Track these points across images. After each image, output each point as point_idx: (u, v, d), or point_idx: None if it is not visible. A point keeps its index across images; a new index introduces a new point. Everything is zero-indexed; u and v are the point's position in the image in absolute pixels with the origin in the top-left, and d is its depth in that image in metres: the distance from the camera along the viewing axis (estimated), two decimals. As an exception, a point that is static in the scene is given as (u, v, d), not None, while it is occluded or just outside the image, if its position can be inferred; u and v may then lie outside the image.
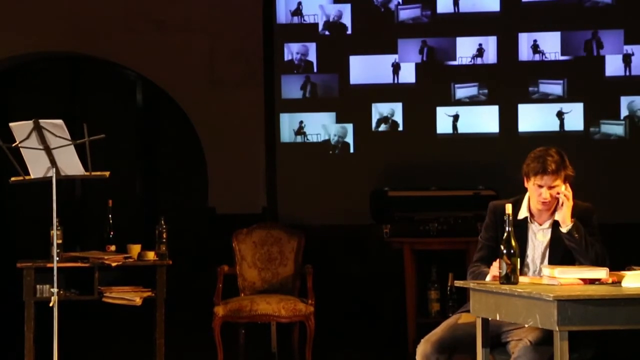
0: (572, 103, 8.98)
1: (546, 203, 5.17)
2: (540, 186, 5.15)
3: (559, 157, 5.16)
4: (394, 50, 9.15)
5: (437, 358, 5.14)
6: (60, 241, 6.68)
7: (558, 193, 5.14)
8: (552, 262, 5.18)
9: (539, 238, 5.27)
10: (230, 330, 7.51)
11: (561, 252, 5.21)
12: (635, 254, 5.95)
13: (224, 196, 9.44)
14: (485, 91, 9.10)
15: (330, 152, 9.25)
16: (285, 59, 9.29)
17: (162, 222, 7.09)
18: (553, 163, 5.12)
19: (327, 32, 9.24)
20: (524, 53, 9.03)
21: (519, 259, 4.90)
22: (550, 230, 5.24)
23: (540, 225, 5.26)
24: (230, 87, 9.48)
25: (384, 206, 8.30)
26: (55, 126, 5.89)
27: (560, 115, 8.97)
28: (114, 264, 6.91)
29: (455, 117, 9.05)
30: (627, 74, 8.93)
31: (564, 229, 5.14)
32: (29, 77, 9.93)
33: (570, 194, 5.15)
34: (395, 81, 9.16)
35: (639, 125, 8.95)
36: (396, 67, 9.14)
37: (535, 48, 9.00)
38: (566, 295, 4.55)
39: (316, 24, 9.25)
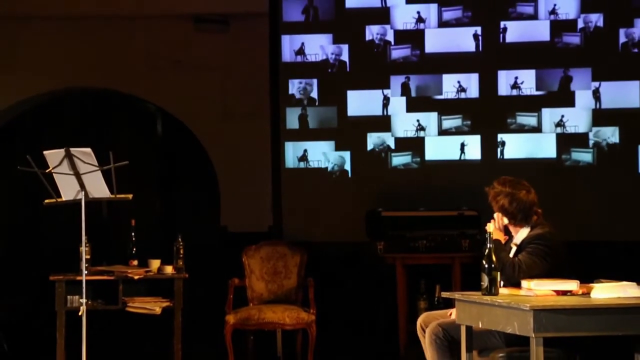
0: (545, 133, 9.01)
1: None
2: None
3: (492, 190, 5.49)
4: (386, 86, 9.18)
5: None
6: (88, 256, 6.68)
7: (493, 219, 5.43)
8: None
9: None
10: (240, 336, 7.51)
11: None
12: (603, 269, 5.96)
13: (234, 216, 9.45)
14: (469, 122, 9.12)
15: (330, 176, 9.26)
16: (290, 93, 9.32)
17: (179, 239, 7.11)
18: (491, 190, 5.51)
19: (327, 70, 9.27)
20: (503, 88, 9.06)
21: (499, 273, 4.95)
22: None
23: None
24: (240, 119, 9.50)
25: (378, 225, 8.30)
26: (84, 154, 5.91)
27: (533, 142, 8.99)
28: (136, 277, 6.92)
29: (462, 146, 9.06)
30: (595, 107, 8.96)
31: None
32: (62, 110, 9.96)
33: (492, 228, 5.30)
34: (388, 113, 9.18)
35: (605, 153, 8.97)
36: (388, 101, 9.17)
37: (514, 84, 9.03)
38: (541, 305, 4.58)
39: (317, 62, 9.28)
